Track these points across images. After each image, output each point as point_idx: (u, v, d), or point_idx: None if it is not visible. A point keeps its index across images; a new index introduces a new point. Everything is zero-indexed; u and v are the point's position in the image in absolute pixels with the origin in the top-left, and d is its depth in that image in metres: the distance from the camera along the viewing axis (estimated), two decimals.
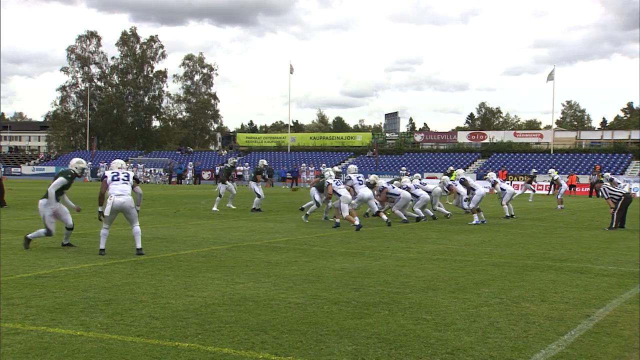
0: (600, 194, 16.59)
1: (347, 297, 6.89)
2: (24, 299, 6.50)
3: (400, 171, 29.32)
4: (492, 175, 19.99)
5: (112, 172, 9.99)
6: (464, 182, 18.62)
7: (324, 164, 50.98)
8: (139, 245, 9.84)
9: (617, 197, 15.98)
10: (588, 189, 39.26)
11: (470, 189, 18.32)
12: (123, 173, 10.01)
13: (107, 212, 9.62)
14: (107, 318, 5.76)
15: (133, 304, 6.32)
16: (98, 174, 55.66)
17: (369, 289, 7.33)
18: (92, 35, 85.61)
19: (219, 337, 5.22)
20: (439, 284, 7.79)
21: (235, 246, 11.10)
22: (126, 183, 9.86)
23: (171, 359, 4.66)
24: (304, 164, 51.66)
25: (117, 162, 10.44)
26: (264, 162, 21.96)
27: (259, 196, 20.07)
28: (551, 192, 32.22)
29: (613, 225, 15.77)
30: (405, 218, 17.00)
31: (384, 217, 16.17)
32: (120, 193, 9.70)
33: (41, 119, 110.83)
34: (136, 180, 10.18)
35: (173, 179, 51.84)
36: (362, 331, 5.48)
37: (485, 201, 20.86)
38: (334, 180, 15.92)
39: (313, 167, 50.84)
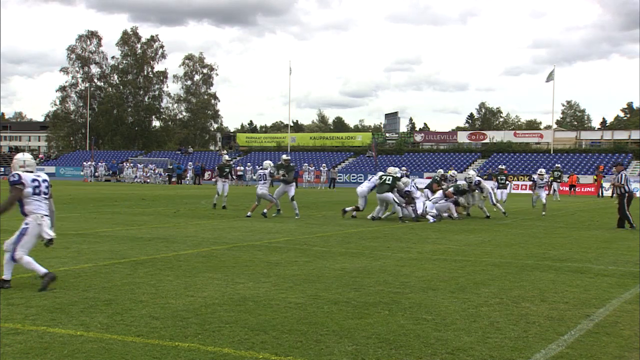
0: (617, 179, 16.37)
1: (347, 297, 6.88)
2: (24, 299, 6.50)
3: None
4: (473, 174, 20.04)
5: (32, 179, 7.13)
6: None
7: (324, 164, 50.98)
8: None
9: (623, 190, 16.07)
10: (591, 189, 39.22)
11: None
12: (44, 182, 7.29)
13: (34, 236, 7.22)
14: (107, 318, 5.75)
15: (133, 304, 6.31)
16: (97, 174, 55.61)
17: (369, 289, 7.33)
18: (92, 35, 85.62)
19: (219, 337, 5.22)
20: (439, 284, 7.79)
21: (235, 246, 11.10)
22: (48, 199, 7.36)
23: (171, 359, 4.65)
24: (305, 164, 51.64)
25: (28, 158, 7.38)
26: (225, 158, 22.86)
27: (218, 193, 21.15)
28: (550, 192, 32.26)
29: (632, 222, 15.82)
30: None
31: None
32: (46, 214, 7.28)
33: (41, 119, 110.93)
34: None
35: (173, 179, 51.87)
36: (362, 331, 5.47)
37: (486, 202, 20.83)
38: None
39: (313, 167, 50.84)
